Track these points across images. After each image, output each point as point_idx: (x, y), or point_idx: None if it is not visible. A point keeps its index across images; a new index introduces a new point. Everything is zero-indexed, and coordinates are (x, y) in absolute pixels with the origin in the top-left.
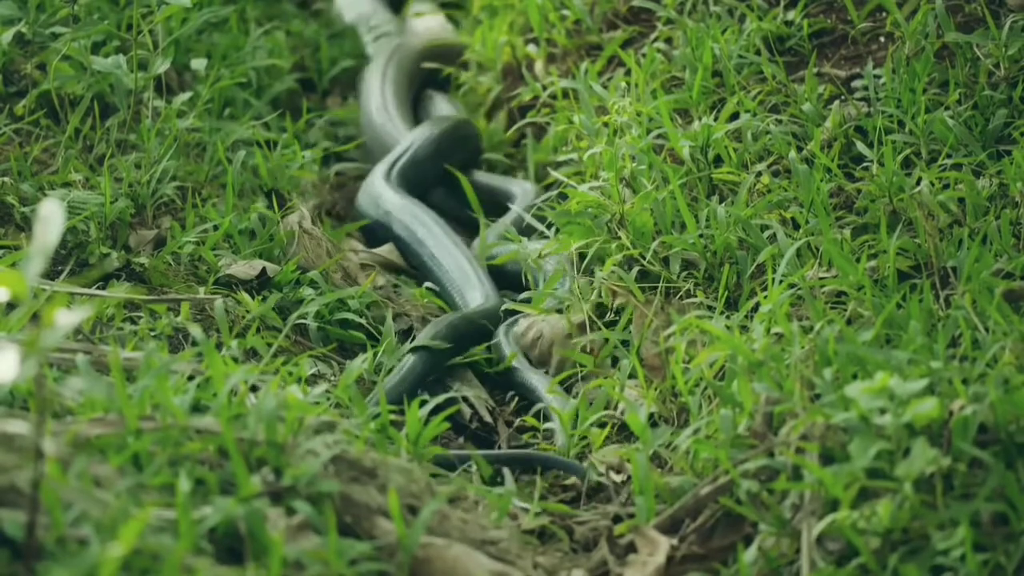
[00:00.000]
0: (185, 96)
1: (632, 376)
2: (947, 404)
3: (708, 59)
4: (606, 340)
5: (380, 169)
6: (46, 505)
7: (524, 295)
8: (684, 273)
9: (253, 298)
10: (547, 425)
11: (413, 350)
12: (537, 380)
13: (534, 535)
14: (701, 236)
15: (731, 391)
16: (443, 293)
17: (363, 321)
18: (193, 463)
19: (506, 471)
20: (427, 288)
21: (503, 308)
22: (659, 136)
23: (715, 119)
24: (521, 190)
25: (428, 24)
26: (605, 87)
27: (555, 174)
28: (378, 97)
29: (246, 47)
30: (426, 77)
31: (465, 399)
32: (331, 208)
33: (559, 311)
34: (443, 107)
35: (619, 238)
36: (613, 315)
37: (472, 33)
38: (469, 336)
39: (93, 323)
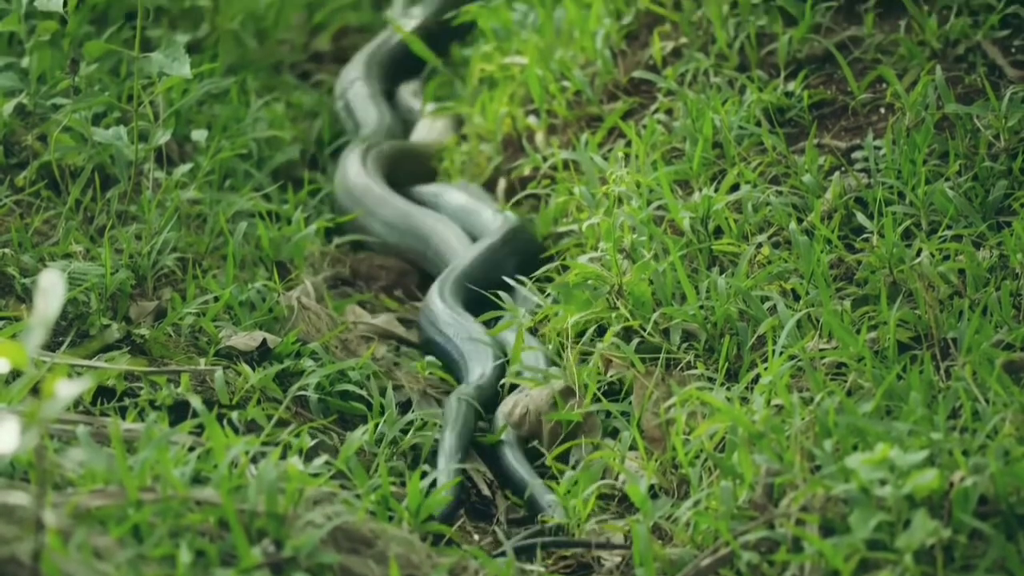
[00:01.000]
0: (186, 167)
1: (632, 447)
2: (947, 475)
3: (708, 130)
4: (607, 413)
5: (436, 288)
6: None
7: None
8: (684, 344)
9: (254, 369)
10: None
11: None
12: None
13: None
14: (701, 307)
15: (731, 463)
16: None
17: (363, 393)
18: (194, 534)
19: (508, 544)
20: (428, 362)
21: (502, 382)
22: (659, 207)
23: (715, 190)
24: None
25: (434, 126)
26: (605, 158)
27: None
28: (357, 167)
29: (247, 118)
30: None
31: (463, 472)
32: (335, 280)
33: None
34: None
35: (618, 309)
36: (609, 386)
37: (472, 104)
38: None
39: (94, 394)
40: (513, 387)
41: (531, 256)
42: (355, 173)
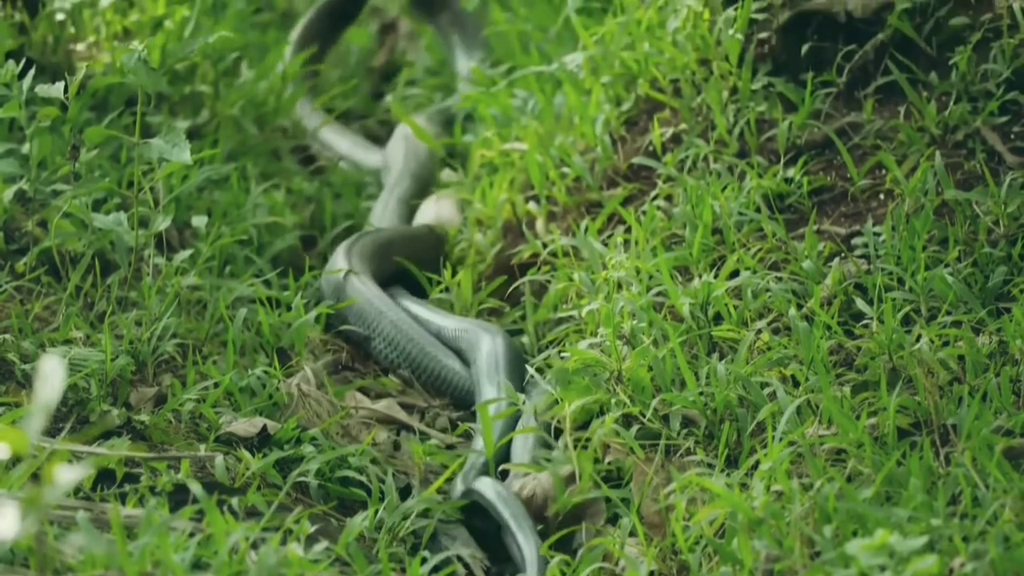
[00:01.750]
0: (186, 253)
1: (632, 533)
2: (947, 561)
3: (708, 216)
4: (607, 499)
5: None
6: None
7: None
8: (684, 430)
9: (254, 455)
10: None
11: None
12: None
13: None
14: (701, 393)
15: (731, 549)
16: None
17: (364, 479)
18: None
19: None
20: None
21: (500, 468)
22: (659, 293)
23: (715, 276)
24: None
25: (441, 207)
26: (605, 244)
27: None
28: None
29: (247, 204)
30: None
31: (460, 558)
32: (335, 365)
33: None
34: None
35: (617, 395)
36: (608, 472)
37: (472, 190)
38: None
39: (94, 480)
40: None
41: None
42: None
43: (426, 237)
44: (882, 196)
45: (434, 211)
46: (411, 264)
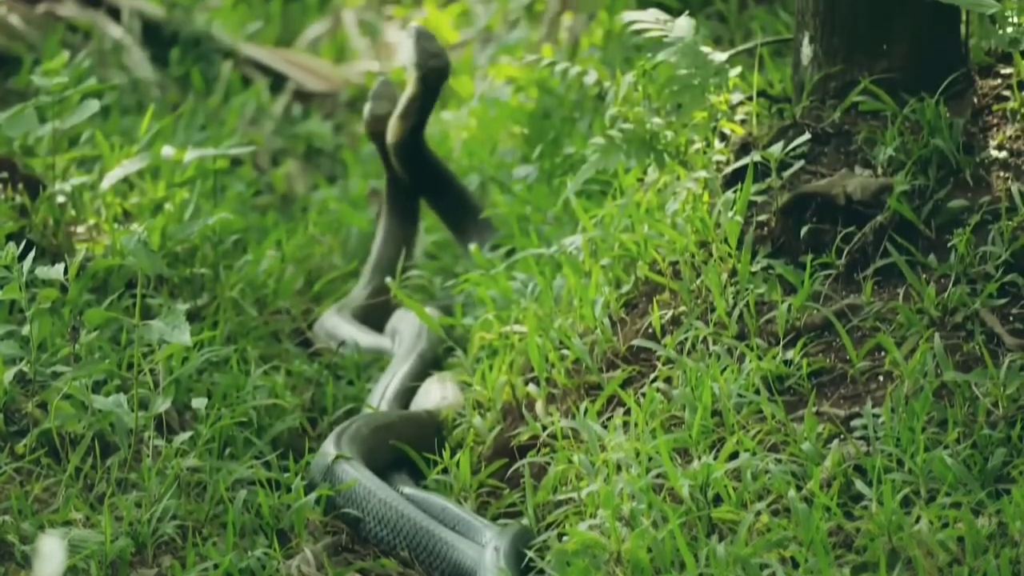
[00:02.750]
0: (186, 435)
1: None
2: None
3: (708, 399)
4: None
5: None
6: None
7: None
8: None
9: None
10: None
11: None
12: None
13: None
14: (701, 575)
15: None
16: None
17: None
18: None
19: None
20: None
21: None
22: (658, 475)
23: (715, 458)
24: None
25: (443, 389)
26: (605, 426)
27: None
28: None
29: (247, 387)
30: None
31: None
32: (335, 547)
33: None
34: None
35: None
36: None
37: (472, 373)
38: None
39: None
40: None
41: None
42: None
43: (424, 421)
44: (881, 378)
45: (434, 394)
46: (409, 448)
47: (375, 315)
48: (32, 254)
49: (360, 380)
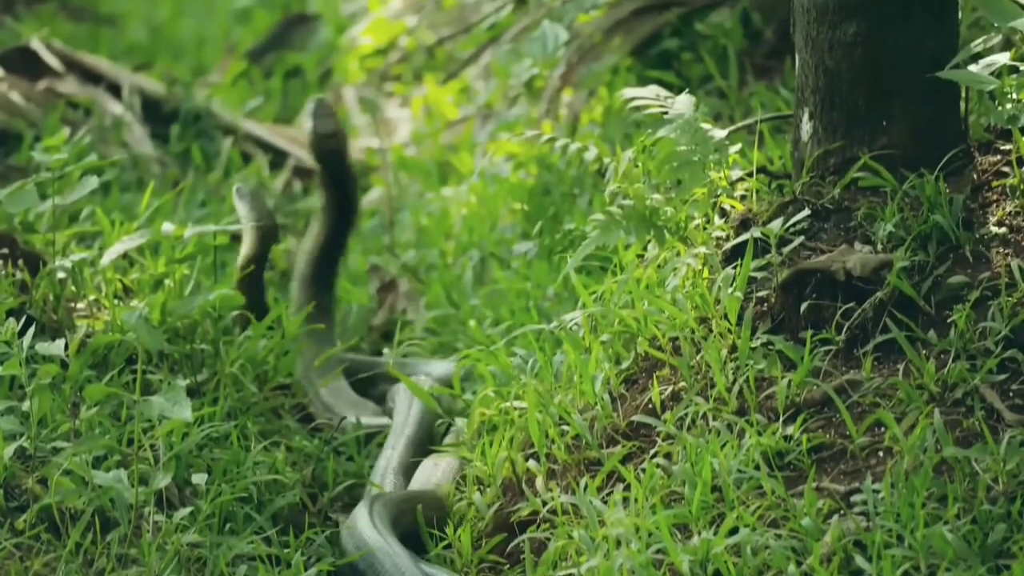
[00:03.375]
0: (186, 511)
1: None
2: None
3: (707, 474)
4: None
5: None
6: None
7: None
8: None
9: None
10: None
11: None
12: None
13: None
14: None
15: None
16: None
17: None
18: None
19: None
20: None
21: None
22: (658, 550)
23: (714, 533)
24: None
25: (437, 468)
26: (605, 502)
27: None
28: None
29: (247, 462)
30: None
31: None
32: None
33: None
34: None
35: None
36: None
37: (472, 449)
38: None
39: None
40: None
41: None
42: (367, 529)
43: (430, 499)
44: (881, 453)
45: (434, 471)
46: (419, 524)
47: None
48: (32, 330)
49: (360, 456)
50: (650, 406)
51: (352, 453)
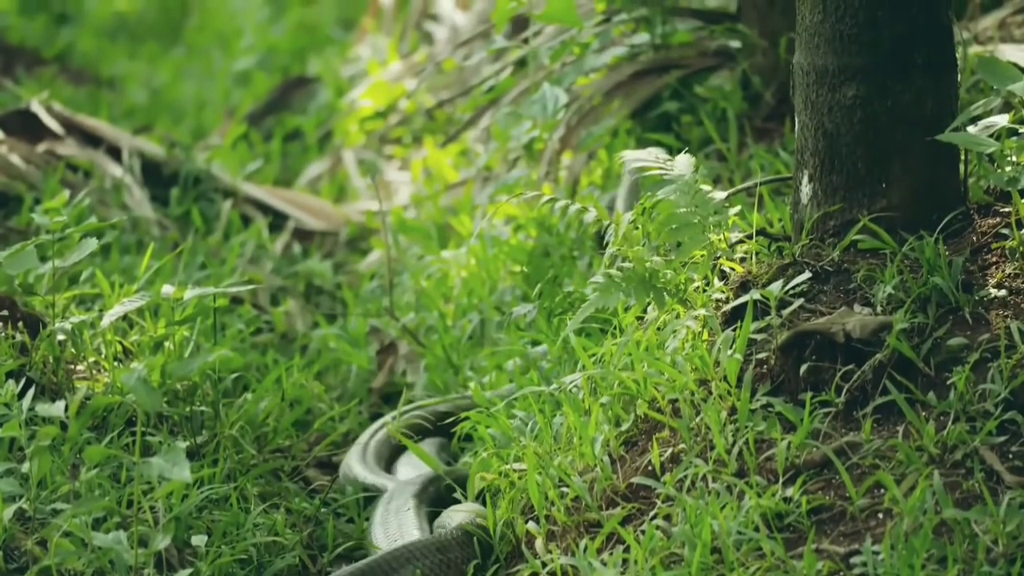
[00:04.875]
0: (185, 572)
1: None
2: None
3: (707, 536)
4: None
5: None
6: None
7: None
8: None
9: None
10: None
11: None
12: None
13: None
14: None
15: None
16: None
17: None
18: None
19: None
20: None
21: None
22: None
23: None
24: None
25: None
26: (604, 564)
27: None
28: None
29: (246, 524)
30: None
31: None
32: None
33: None
34: None
35: None
36: None
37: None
38: None
39: None
40: None
41: None
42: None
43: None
44: (881, 515)
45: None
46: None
47: None
48: (32, 392)
49: (360, 518)
50: (650, 468)
51: (352, 515)
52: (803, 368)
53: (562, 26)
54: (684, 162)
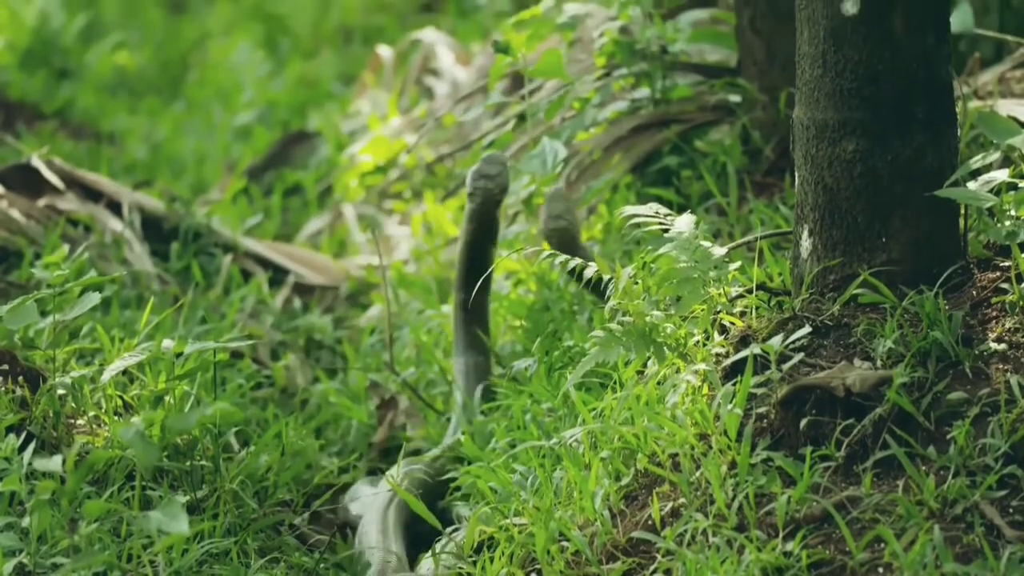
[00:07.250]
0: None
1: None
2: None
3: None
4: None
5: None
6: None
7: None
8: None
9: None
10: None
11: None
12: None
13: None
14: None
15: None
16: None
17: None
18: None
19: None
20: None
21: None
22: None
23: None
24: None
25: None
26: None
27: None
28: None
29: None
30: None
31: None
32: None
33: None
34: None
35: None
36: None
37: (471, 565)
38: None
39: None
40: None
41: None
42: None
43: None
44: (881, 570)
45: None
46: None
47: None
48: (32, 446)
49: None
50: (650, 522)
51: (353, 573)
52: (803, 422)
53: (560, 81)
54: (685, 218)
